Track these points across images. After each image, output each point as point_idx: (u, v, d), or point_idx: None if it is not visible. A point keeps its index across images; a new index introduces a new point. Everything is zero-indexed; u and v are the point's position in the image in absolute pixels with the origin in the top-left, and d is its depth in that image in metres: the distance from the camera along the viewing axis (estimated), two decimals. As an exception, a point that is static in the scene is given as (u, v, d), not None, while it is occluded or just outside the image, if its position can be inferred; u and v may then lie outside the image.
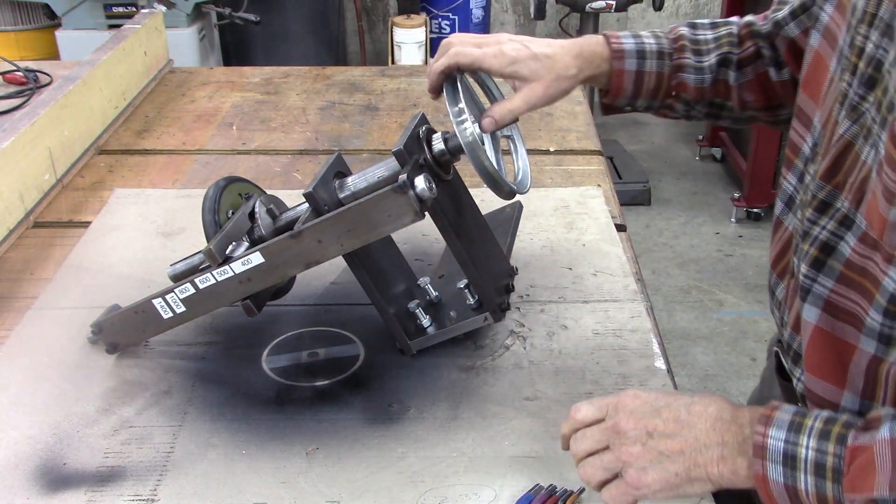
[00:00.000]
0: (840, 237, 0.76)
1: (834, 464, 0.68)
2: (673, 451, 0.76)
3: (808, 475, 0.70)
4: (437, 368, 1.12)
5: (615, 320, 1.21)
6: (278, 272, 1.03)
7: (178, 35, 2.96)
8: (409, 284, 1.18)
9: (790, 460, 0.70)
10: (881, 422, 0.69)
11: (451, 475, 0.95)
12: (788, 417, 0.72)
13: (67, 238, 1.45)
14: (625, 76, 1.04)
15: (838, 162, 0.76)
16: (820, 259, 0.78)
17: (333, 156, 1.09)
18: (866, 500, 0.66)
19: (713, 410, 0.76)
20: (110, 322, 1.13)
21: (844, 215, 0.75)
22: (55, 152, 1.61)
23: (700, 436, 0.75)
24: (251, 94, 2.09)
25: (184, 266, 1.12)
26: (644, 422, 0.78)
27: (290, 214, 1.09)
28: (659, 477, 0.76)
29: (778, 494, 0.71)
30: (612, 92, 1.06)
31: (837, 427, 0.70)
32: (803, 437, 0.70)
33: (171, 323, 1.08)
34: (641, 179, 3.97)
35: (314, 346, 1.16)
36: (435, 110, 2.00)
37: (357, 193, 1.04)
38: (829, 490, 0.69)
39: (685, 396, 0.79)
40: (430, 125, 1.05)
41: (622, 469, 0.78)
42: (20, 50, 3.21)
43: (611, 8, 3.86)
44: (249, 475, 0.95)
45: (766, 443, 0.71)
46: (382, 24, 4.72)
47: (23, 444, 1.00)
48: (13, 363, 1.13)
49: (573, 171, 1.68)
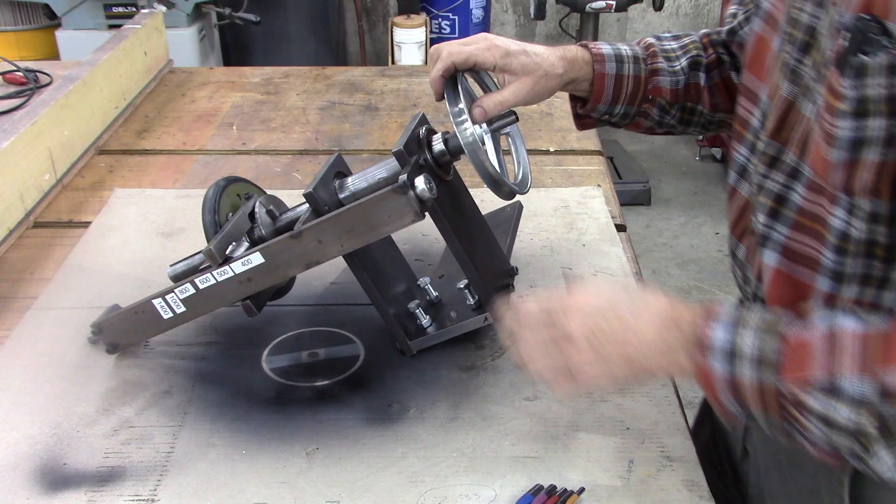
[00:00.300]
0: (790, 188, 0.82)
1: (773, 356, 0.73)
2: (619, 355, 0.80)
3: (748, 367, 0.74)
4: (437, 368, 1.12)
5: (615, 320, 1.20)
6: (278, 272, 1.03)
7: (178, 35, 2.96)
8: (409, 284, 1.18)
9: (731, 356, 0.74)
10: (814, 314, 0.74)
11: (451, 475, 0.95)
12: (729, 314, 0.76)
13: (67, 238, 1.45)
14: (606, 79, 1.08)
15: (782, 120, 0.83)
16: (775, 209, 0.84)
17: (333, 156, 1.09)
18: (804, 385, 0.71)
19: (654, 311, 0.80)
20: (110, 322, 1.13)
21: (793, 167, 0.82)
22: (55, 152, 1.61)
23: (644, 338, 0.79)
24: (251, 94, 2.09)
25: (184, 266, 1.12)
26: (591, 325, 0.81)
27: (291, 215, 1.09)
28: (606, 377, 0.82)
29: (720, 388, 0.75)
30: (594, 96, 1.09)
31: (774, 322, 0.74)
32: (743, 333, 0.74)
33: (171, 323, 1.08)
34: (641, 179, 3.97)
35: (314, 346, 1.16)
36: (435, 110, 2.00)
37: (357, 193, 1.04)
38: (769, 380, 0.73)
39: (628, 297, 0.83)
40: (430, 125, 1.05)
41: (570, 369, 0.83)
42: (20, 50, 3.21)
43: (611, 8, 3.86)
44: (249, 475, 0.95)
45: (708, 339, 0.75)
46: (382, 24, 4.72)
47: (23, 444, 1.00)
48: (13, 363, 1.13)
49: (573, 171, 1.68)
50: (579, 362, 0.82)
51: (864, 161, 0.71)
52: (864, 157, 0.71)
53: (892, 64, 0.66)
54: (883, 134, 0.70)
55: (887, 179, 0.71)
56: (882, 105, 0.68)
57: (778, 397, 0.73)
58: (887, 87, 0.67)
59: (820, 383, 0.70)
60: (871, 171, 0.71)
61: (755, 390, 0.74)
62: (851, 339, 0.70)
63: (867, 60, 0.67)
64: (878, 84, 0.67)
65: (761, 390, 0.74)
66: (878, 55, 0.67)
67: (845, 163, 0.72)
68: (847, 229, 0.76)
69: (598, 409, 1.05)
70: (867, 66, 0.68)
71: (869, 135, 0.70)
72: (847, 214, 0.75)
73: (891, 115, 0.69)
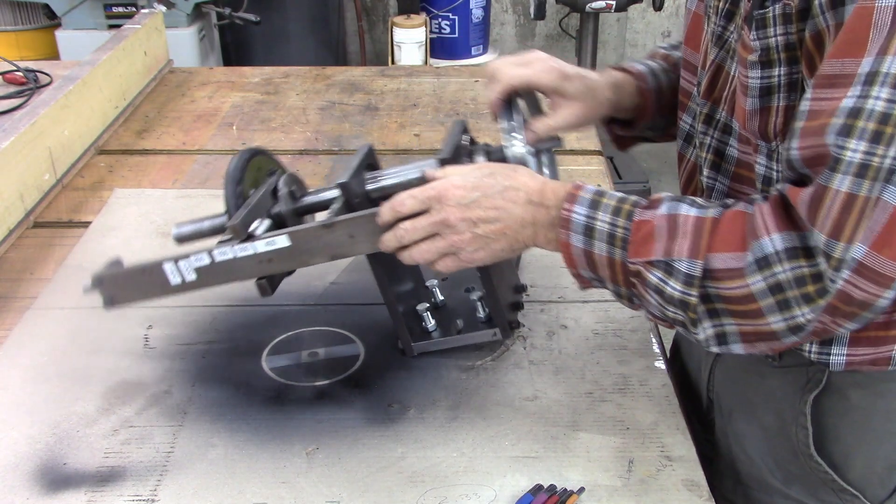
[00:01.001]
0: (725, 143, 0.93)
1: (622, 234, 0.85)
2: (496, 233, 0.90)
3: (602, 242, 0.86)
4: (437, 368, 1.12)
5: (615, 320, 1.21)
6: (302, 259, 1.00)
7: (178, 35, 2.96)
8: (416, 284, 1.18)
9: (588, 231, 0.86)
10: (661, 202, 0.84)
11: (451, 475, 0.95)
12: (589, 196, 0.87)
13: (67, 238, 1.45)
14: (650, 95, 1.11)
15: (713, 82, 0.94)
16: (716, 162, 0.95)
17: (365, 147, 1.08)
18: (645, 262, 0.83)
19: (523, 195, 0.90)
20: (113, 277, 1.08)
21: (725, 124, 0.93)
22: (55, 152, 1.61)
23: (516, 217, 0.90)
24: (251, 94, 2.09)
25: (191, 229, 1.10)
26: (468, 213, 0.90)
27: (312, 199, 1.08)
28: (487, 254, 0.92)
29: (577, 257, 0.88)
30: (642, 113, 1.12)
31: (627, 205, 0.86)
32: (599, 213, 0.86)
33: (177, 290, 1.04)
34: (641, 179, 3.96)
35: (314, 345, 1.16)
36: (435, 110, 2.00)
37: (386, 189, 1.04)
38: (618, 255, 0.85)
39: (497, 180, 0.91)
40: (471, 134, 1.06)
41: (454, 251, 0.92)
42: (20, 50, 3.21)
43: (611, 8, 3.86)
44: (249, 475, 0.95)
45: (570, 217, 0.87)
46: (382, 24, 4.72)
47: (23, 444, 1.00)
48: (13, 363, 1.13)
49: (573, 171, 1.68)
50: (459, 243, 0.91)
51: (773, 107, 0.82)
52: (772, 104, 0.82)
53: (784, 13, 0.77)
54: (785, 80, 0.81)
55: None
56: (783, 52, 0.79)
57: (623, 270, 0.85)
58: (784, 34, 0.78)
59: (658, 262, 0.82)
60: (781, 114, 0.82)
61: (605, 263, 0.86)
62: (687, 224, 0.81)
63: (766, 12, 0.78)
64: (778, 32, 0.78)
65: (611, 263, 0.86)
66: (774, 6, 0.77)
67: (758, 109, 0.83)
68: (769, 173, 0.87)
69: (598, 409, 1.05)
70: (766, 17, 0.78)
71: (774, 82, 0.81)
72: (767, 160, 0.86)
73: (789, 62, 0.79)
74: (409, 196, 0.93)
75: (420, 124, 1.92)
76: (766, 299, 0.78)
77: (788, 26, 0.78)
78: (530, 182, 0.91)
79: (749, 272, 0.77)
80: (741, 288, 0.78)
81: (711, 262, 0.79)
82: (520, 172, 0.92)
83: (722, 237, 0.80)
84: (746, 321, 0.80)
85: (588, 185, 0.89)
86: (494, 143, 1.06)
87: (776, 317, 0.78)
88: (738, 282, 0.78)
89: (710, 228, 0.80)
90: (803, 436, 1.00)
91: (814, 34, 0.76)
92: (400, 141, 1.84)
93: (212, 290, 1.28)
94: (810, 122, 0.74)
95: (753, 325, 0.80)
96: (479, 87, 2.14)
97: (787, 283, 0.76)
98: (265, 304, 1.24)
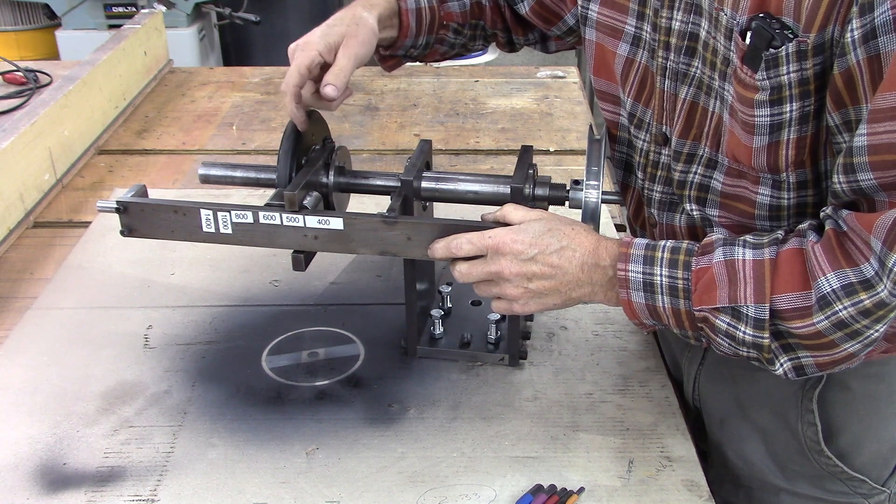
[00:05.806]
0: (710, 177, 0.93)
1: (683, 285, 0.86)
2: (550, 290, 0.92)
3: (664, 296, 0.87)
4: (437, 369, 1.12)
5: (615, 321, 1.21)
6: (350, 246, 0.99)
7: (178, 35, 2.96)
8: (430, 287, 1.18)
9: (648, 287, 0.87)
10: (714, 246, 0.85)
11: (451, 475, 0.95)
12: (641, 253, 0.88)
13: (67, 238, 1.45)
14: (409, 14, 1.12)
15: (689, 121, 0.93)
16: (701, 196, 0.95)
17: (425, 144, 1.09)
18: (712, 309, 0.83)
19: (579, 255, 0.91)
20: (140, 208, 1.03)
21: (709, 158, 0.92)
22: (55, 152, 1.61)
23: (571, 277, 0.91)
24: (251, 94, 2.09)
25: (220, 173, 1.10)
26: (524, 268, 0.91)
27: (362, 181, 1.08)
28: (538, 307, 0.94)
29: (640, 311, 0.89)
30: (402, 32, 1.12)
31: (682, 255, 0.87)
32: (656, 268, 0.87)
33: (206, 238, 1.01)
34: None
35: (314, 346, 1.16)
36: (435, 110, 2.01)
37: (436, 192, 1.05)
38: (682, 305, 0.86)
39: (556, 238, 0.91)
40: (534, 163, 1.06)
41: (506, 299, 0.95)
42: (20, 50, 3.21)
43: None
44: (249, 475, 0.95)
45: (627, 276, 0.88)
46: (382, 24, 4.71)
47: (23, 444, 1.00)
48: (13, 363, 1.13)
49: (573, 171, 1.68)
50: (513, 296, 0.93)
51: (783, 141, 0.82)
52: (783, 138, 0.82)
53: (799, 50, 0.76)
54: (797, 115, 0.80)
55: (808, 150, 0.82)
56: (795, 88, 0.79)
57: (689, 317, 0.86)
58: (798, 70, 0.78)
59: (725, 308, 0.83)
60: (792, 147, 0.82)
61: (671, 313, 0.87)
62: (746, 269, 0.82)
63: (780, 51, 0.77)
64: (791, 70, 0.78)
65: (676, 312, 0.87)
66: (787, 45, 0.77)
67: (767, 146, 0.83)
68: (775, 202, 0.88)
69: (598, 409, 1.05)
70: (779, 56, 0.77)
71: (785, 118, 0.81)
72: (773, 190, 0.87)
73: (802, 97, 0.79)
74: (467, 241, 0.94)
75: (420, 124, 1.92)
76: (836, 333, 0.79)
77: (803, 62, 0.77)
78: (586, 242, 0.91)
79: (814, 311, 0.78)
80: (809, 326, 0.79)
81: (777, 304, 0.80)
82: (577, 230, 0.92)
83: (784, 279, 0.80)
84: (821, 353, 0.81)
85: (636, 240, 0.90)
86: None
87: (849, 343, 0.80)
88: (806, 321, 0.79)
89: (770, 271, 0.81)
90: (812, 432, 1.01)
91: (843, 70, 0.75)
92: (400, 141, 1.84)
93: (212, 290, 1.28)
94: (878, 156, 0.74)
95: (830, 356, 0.81)
96: (479, 87, 2.14)
97: (851, 318, 0.77)
98: (265, 305, 1.24)
